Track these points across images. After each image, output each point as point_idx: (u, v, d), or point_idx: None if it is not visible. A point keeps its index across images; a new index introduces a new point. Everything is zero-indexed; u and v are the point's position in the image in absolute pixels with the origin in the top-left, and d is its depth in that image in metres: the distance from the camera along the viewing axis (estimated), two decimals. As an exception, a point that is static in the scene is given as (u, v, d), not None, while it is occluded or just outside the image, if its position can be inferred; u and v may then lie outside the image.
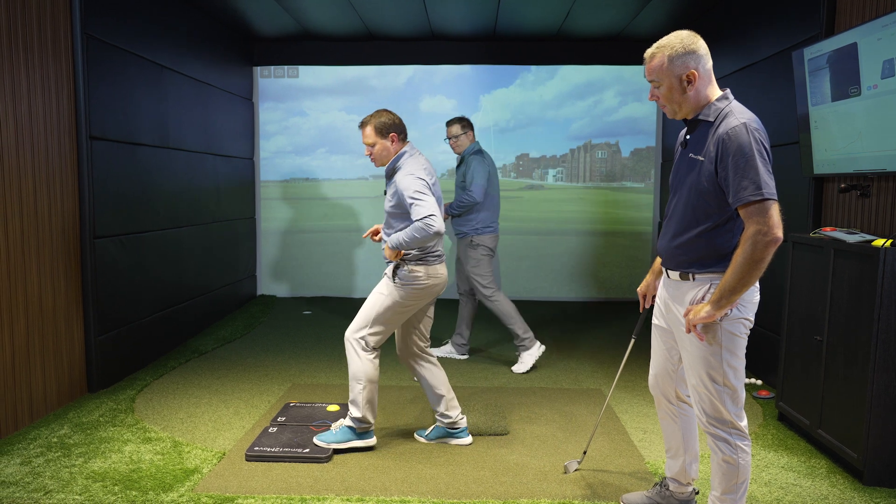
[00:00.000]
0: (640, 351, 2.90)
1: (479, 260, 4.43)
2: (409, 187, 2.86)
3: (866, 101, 3.01)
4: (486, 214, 4.45)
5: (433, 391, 3.15)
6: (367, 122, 3.04)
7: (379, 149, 3.03)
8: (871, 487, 2.73)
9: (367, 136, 3.02)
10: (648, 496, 2.53)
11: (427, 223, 2.78)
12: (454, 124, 4.51)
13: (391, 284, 3.00)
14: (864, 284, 2.71)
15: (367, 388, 3.00)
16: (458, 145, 4.51)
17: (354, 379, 3.01)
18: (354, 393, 3.02)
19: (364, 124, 3.04)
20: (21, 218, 3.29)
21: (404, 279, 2.97)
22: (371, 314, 3.01)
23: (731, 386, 2.08)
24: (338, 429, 3.10)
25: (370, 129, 3.02)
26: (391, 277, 3.00)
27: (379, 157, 3.05)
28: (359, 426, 3.05)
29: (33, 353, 3.39)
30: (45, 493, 2.62)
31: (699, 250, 2.09)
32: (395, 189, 2.95)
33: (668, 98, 2.08)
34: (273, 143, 6.89)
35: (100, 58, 3.85)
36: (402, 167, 2.99)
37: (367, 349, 3.02)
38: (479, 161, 4.43)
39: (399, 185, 2.91)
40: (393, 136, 3.03)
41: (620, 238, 6.87)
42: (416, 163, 2.99)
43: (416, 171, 2.92)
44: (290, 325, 5.72)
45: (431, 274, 3.01)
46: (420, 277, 2.98)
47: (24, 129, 3.30)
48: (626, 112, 6.76)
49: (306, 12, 5.57)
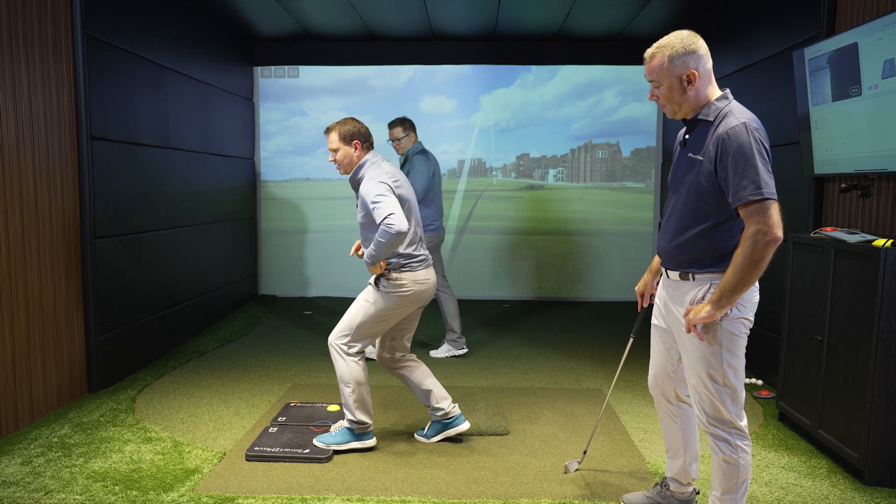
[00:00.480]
0: (640, 351, 2.90)
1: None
2: (370, 192, 2.88)
3: (867, 101, 3.01)
4: (428, 212, 4.48)
5: (420, 388, 3.16)
6: (332, 129, 3.04)
7: (341, 155, 3.02)
8: (871, 487, 2.73)
9: (332, 142, 3.03)
10: (649, 496, 2.53)
11: (387, 224, 2.77)
12: (396, 126, 4.50)
13: (376, 293, 3.00)
14: (865, 284, 2.71)
15: (355, 390, 2.99)
16: (401, 147, 4.52)
17: (343, 382, 3.01)
18: (345, 397, 3.02)
19: (329, 130, 3.04)
20: (21, 217, 3.29)
21: (388, 287, 2.97)
22: (354, 322, 3.01)
23: (731, 386, 2.08)
24: (337, 430, 3.10)
25: (335, 135, 3.02)
26: (374, 286, 3.00)
27: (342, 164, 3.05)
28: (357, 427, 3.05)
29: (34, 352, 3.39)
30: (45, 493, 2.62)
31: (699, 250, 2.08)
32: (361, 199, 2.95)
33: (667, 98, 2.08)
34: (273, 144, 6.90)
35: (100, 57, 3.85)
36: (363, 176, 3.00)
37: (350, 353, 3.01)
38: (422, 161, 4.45)
39: (362, 194, 2.93)
40: (356, 143, 3.02)
41: (621, 238, 6.87)
42: (378, 169, 2.99)
43: (377, 177, 2.93)
44: (291, 325, 5.72)
45: (416, 280, 3.00)
46: (405, 285, 2.98)
47: (25, 127, 3.31)
48: (626, 112, 6.76)
49: (307, 12, 5.58)
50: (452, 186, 6.91)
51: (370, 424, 3.07)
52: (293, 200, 6.99)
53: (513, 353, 4.86)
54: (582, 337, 5.36)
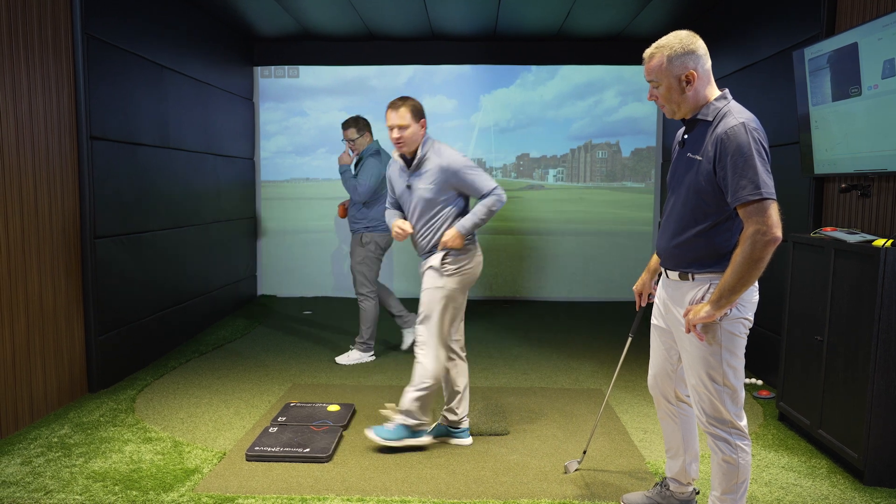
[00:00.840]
0: (640, 351, 2.89)
1: (366, 257, 4.47)
2: (459, 162, 2.97)
3: (867, 101, 3.01)
4: (377, 212, 4.45)
5: (452, 386, 3.16)
6: (403, 104, 2.97)
7: (411, 132, 2.96)
8: (871, 487, 2.73)
9: (403, 118, 2.94)
10: (649, 496, 2.53)
11: (498, 193, 2.97)
12: (350, 127, 4.45)
13: (443, 277, 2.99)
14: (865, 284, 2.71)
15: (433, 389, 3.02)
16: (357, 147, 4.48)
17: (422, 380, 2.99)
18: (415, 397, 3.01)
19: (398, 105, 2.96)
20: (21, 217, 3.29)
21: (457, 264, 2.99)
22: (437, 315, 2.98)
23: (731, 386, 2.08)
24: (394, 426, 3.06)
25: (406, 110, 2.95)
26: (440, 270, 2.98)
27: (409, 141, 2.98)
28: (414, 424, 3.05)
29: (34, 352, 3.39)
30: (45, 493, 2.62)
31: (698, 250, 2.08)
32: (438, 173, 2.95)
33: (666, 98, 2.08)
34: (273, 144, 6.90)
35: (100, 57, 3.85)
36: (436, 151, 2.99)
37: (444, 348, 3.03)
38: (375, 161, 4.42)
39: (450, 166, 2.95)
40: (423, 121, 3.03)
41: (621, 238, 6.87)
42: (445, 145, 3.05)
43: (453, 150, 3.02)
44: (291, 325, 5.72)
45: (475, 256, 3.06)
46: (469, 262, 3.02)
47: (25, 128, 3.31)
48: (626, 112, 6.76)
49: (306, 12, 5.58)
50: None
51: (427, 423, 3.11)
52: (293, 200, 6.98)
53: (512, 353, 4.86)
54: (581, 337, 5.36)
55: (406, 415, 3.03)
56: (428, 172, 2.99)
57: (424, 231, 3.05)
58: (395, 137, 2.97)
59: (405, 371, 4.39)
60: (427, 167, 2.99)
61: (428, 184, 2.97)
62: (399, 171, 3.13)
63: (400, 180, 3.12)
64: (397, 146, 3.02)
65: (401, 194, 3.13)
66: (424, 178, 2.99)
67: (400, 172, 3.13)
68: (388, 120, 2.97)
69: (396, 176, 3.15)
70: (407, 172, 3.07)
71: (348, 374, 4.33)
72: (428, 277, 3.02)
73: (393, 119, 2.96)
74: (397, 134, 2.96)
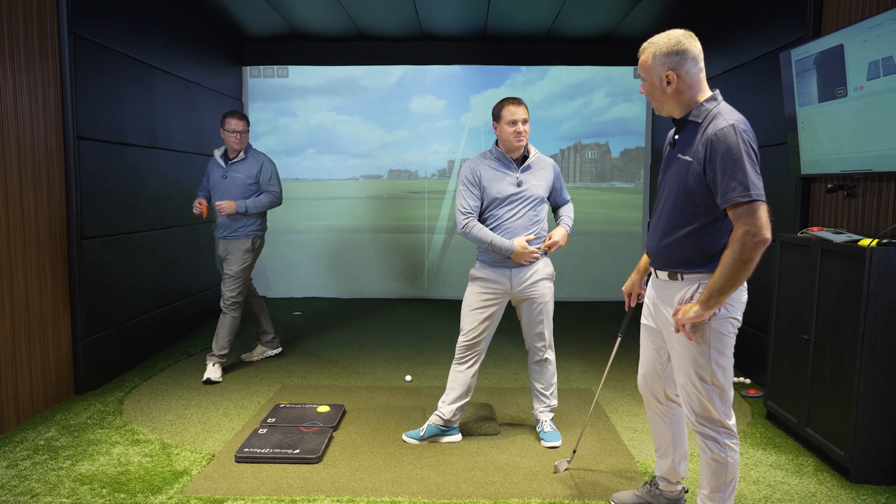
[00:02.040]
0: (630, 350, 2.91)
1: (246, 262, 4.23)
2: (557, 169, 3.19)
3: (853, 103, 3.04)
4: (264, 218, 4.37)
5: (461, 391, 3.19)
6: (522, 101, 3.05)
7: (528, 128, 3.05)
8: (857, 485, 2.75)
9: (525, 113, 3.03)
10: (638, 495, 2.54)
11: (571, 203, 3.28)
12: (242, 119, 4.15)
13: (552, 283, 3.16)
14: (851, 284, 2.73)
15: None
16: (241, 142, 4.17)
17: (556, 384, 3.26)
18: (555, 395, 3.27)
19: (519, 101, 3.03)
20: (7, 218, 3.26)
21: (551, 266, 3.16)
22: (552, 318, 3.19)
23: (720, 385, 2.10)
24: (553, 428, 3.22)
25: (526, 108, 3.05)
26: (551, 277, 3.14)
27: (527, 136, 3.04)
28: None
29: (20, 354, 3.36)
30: (31, 497, 2.60)
31: (687, 250, 2.09)
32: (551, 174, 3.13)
33: (650, 94, 2.12)
34: (262, 144, 6.86)
35: (87, 57, 3.82)
36: (537, 154, 3.13)
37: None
38: (272, 163, 4.32)
39: (556, 169, 3.16)
40: None
41: (610, 238, 6.90)
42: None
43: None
44: (280, 326, 5.70)
45: None
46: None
47: (10, 127, 3.27)
48: (615, 112, 6.79)
49: (296, 12, 5.56)
50: (442, 187, 6.91)
51: None
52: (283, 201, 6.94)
53: (503, 353, 4.86)
54: (571, 337, 5.37)
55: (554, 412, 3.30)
56: (542, 171, 3.10)
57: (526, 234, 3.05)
58: (521, 130, 2.99)
59: (397, 371, 4.38)
60: (537, 165, 3.10)
61: (540, 181, 3.06)
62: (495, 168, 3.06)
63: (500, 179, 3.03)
64: (519, 141, 3.00)
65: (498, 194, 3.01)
66: (537, 176, 3.07)
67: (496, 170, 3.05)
68: (513, 115, 2.97)
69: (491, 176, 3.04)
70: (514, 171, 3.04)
71: (338, 375, 4.32)
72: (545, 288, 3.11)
73: (519, 113, 2.99)
74: (523, 127, 3.00)
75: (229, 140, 4.15)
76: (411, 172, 6.90)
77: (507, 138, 3.00)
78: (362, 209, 6.97)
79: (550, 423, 3.23)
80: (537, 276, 3.06)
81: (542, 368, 3.20)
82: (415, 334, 5.37)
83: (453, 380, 3.17)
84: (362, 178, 6.99)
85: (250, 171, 4.20)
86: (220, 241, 4.24)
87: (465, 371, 3.15)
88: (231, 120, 4.13)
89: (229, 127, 4.13)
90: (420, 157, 6.89)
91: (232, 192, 4.17)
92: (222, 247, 4.23)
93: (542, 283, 3.08)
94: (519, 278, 3.05)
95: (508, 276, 3.05)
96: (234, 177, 4.18)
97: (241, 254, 4.21)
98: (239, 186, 4.18)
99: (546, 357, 3.18)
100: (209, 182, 4.29)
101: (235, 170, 4.19)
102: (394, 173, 6.97)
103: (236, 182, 4.18)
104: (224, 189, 4.18)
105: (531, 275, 3.05)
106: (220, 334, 4.19)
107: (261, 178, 4.23)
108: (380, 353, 4.88)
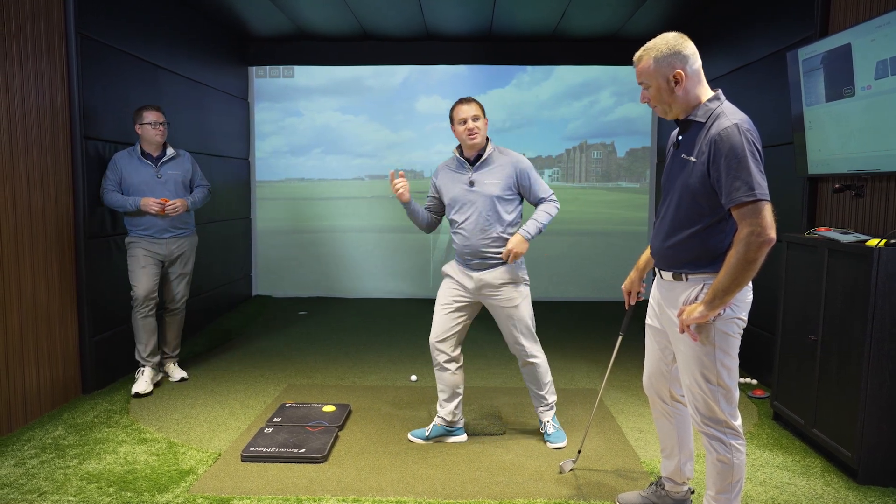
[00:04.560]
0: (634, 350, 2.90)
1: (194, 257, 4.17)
2: (529, 166, 3.04)
3: (860, 102, 3.02)
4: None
5: (455, 388, 3.19)
6: (472, 99, 3.03)
7: (482, 124, 3.00)
8: (865, 486, 2.74)
9: (476, 110, 2.99)
10: (644, 496, 2.53)
11: (555, 199, 3.08)
12: (160, 110, 3.91)
13: (519, 287, 3.05)
14: (858, 284, 2.72)
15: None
16: (165, 134, 3.92)
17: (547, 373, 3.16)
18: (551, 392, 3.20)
19: (469, 100, 3.01)
20: (15, 217, 3.28)
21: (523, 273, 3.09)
22: (531, 326, 3.09)
23: (725, 385, 2.09)
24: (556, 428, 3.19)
25: (477, 105, 3.01)
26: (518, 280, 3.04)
27: (481, 133, 2.99)
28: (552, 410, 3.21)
29: (27, 353, 3.38)
30: (39, 495, 2.61)
31: (692, 251, 2.09)
32: (511, 171, 2.99)
33: (657, 99, 2.09)
34: (268, 144, 6.88)
35: (94, 57, 3.83)
36: (500, 151, 3.05)
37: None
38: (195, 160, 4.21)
39: (520, 164, 3.02)
40: (487, 120, 3.06)
41: (616, 238, 6.88)
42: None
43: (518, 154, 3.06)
44: (286, 326, 5.71)
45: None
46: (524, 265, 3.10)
47: (18, 126, 3.29)
48: (621, 112, 6.78)
49: (302, 12, 5.57)
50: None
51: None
52: (288, 201, 6.97)
53: (507, 353, 4.85)
54: (576, 337, 5.36)
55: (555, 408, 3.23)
56: (499, 168, 3.00)
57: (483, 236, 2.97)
58: (472, 127, 2.95)
59: (401, 371, 4.39)
60: (496, 164, 3.01)
61: (498, 180, 2.97)
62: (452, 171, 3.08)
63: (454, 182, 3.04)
64: (472, 138, 2.98)
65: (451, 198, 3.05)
66: (493, 175, 2.99)
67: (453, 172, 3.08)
68: (463, 113, 2.97)
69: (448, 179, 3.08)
70: (467, 172, 3.03)
71: (344, 375, 4.33)
72: (509, 294, 3.01)
73: (469, 111, 2.97)
74: (470, 126, 2.96)
75: (150, 134, 3.84)
76: (417, 172, 6.91)
77: (461, 137, 3.01)
78: (367, 209, 6.98)
79: (553, 423, 3.21)
80: (498, 281, 3.00)
81: (531, 371, 3.14)
82: (420, 334, 5.37)
83: (438, 381, 3.19)
84: (368, 178, 7.00)
85: (185, 168, 4.04)
86: (165, 241, 3.93)
87: (442, 372, 3.15)
88: (150, 112, 3.84)
89: (149, 119, 3.82)
90: (425, 156, 6.89)
91: (170, 190, 3.93)
92: (170, 247, 3.96)
93: (505, 288, 3.00)
94: (478, 280, 3.02)
95: (470, 277, 3.04)
96: (171, 174, 3.95)
97: (194, 250, 4.17)
98: (177, 184, 3.97)
99: (531, 361, 3.11)
100: (128, 182, 3.85)
101: (170, 168, 3.95)
102: (399, 173, 6.97)
103: (175, 179, 3.96)
104: (159, 189, 3.89)
105: (491, 279, 3.00)
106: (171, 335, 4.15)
107: (194, 174, 4.12)
108: (385, 352, 4.89)
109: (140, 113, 3.86)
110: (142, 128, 3.86)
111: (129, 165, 3.87)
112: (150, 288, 3.91)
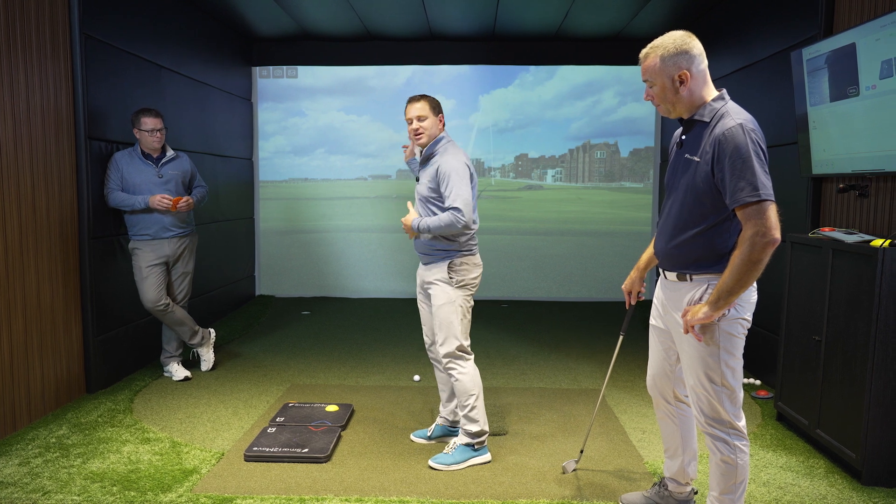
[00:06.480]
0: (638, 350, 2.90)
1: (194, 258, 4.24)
2: (452, 169, 2.83)
3: (865, 102, 3.01)
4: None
5: (451, 389, 3.16)
6: (422, 98, 2.97)
7: (429, 124, 2.94)
8: (869, 487, 2.73)
9: (422, 109, 2.93)
10: (647, 496, 2.53)
11: (455, 215, 2.77)
12: (158, 116, 3.95)
13: (449, 288, 2.91)
14: (863, 284, 2.71)
15: (479, 396, 2.93)
16: (162, 139, 3.99)
17: (466, 394, 2.91)
18: (469, 406, 2.91)
19: (417, 99, 2.97)
20: (19, 217, 3.29)
21: (458, 275, 2.91)
22: (452, 327, 2.90)
23: (729, 386, 2.08)
24: (453, 449, 2.95)
25: (425, 103, 2.95)
26: (448, 281, 2.90)
27: (427, 132, 2.94)
28: (477, 441, 2.94)
29: (31, 353, 3.38)
30: (43, 494, 2.62)
31: (696, 251, 2.08)
32: (437, 172, 2.88)
33: (661, 97, 2.08)
34: (272, 144, 6.89)
35: (98, 57, 3.84)
36: (444, 151, 2.93)
37: (467, 358, 2.95)
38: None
39: (443, 167, 2.86)
40: (441, 116, 3.00)
41: (619, 238, 6.87)
42: (458, 149, 2.96)
43: (460, 156, 2.90)
44: (289, 326, 5.72)
45: (477, 263, 2.99)
46: (470, 270, 2.94)
47: (23, 127, 3.30)
48: (624, 112, 6.77)
49: (305, 12, 5.57)
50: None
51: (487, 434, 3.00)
52: (291, 201, 6.98)
53: (510, 353, 4.86)
54: (580, 337, 5.36)
55: (472, 436, 2.93)
56: (430, 169, 2.94)
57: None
58: (416, 127, 2.95)
59: (403, 371, 4.39)
60: (433, 163, 2.94)
61: (427, 181, 2.95)
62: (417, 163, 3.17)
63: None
64: (417, 139, 2.97)
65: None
66: (426, 174, 2.96)
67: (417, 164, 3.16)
68: (408, 113, 2.98)
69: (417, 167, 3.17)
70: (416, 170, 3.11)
71: (347, 375, 4.33)
72: (437, 293, 2.93)
73: (412, 111, 2.96)
74: (415, 126, 2.95)
75: (148, 140, 3.90)
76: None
77: (410, 138, 3.03)
78: (371, 209, 6.99)
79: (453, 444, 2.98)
80: (430, 277, 2.96)
81: (449, 380, 3.06)
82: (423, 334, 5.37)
83: (438, 381, 3.21)
84: (371, 178, 7.01)
85: (184, 169, 4.12)
86: (167, 241, 3.99)
87: (440, 372, 3.18)
88: (148, 119, 3.89)
89: (147, 126, 3.88)
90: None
91: (171, 190, 3.99)
92: (172, 246, 4.02)
93: (435, 287, 2.93)
94: (421, 274, 3.04)
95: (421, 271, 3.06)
96: (172, 175, 4.01)
97: (194, 248, 4.23)
98: (177, 184, 4.04)
99: (449, 370, 2.94)
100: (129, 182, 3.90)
101: (170, 168, 4.02)
102: (402, 173, 6.98)
103: (176, 179, 4.03)
104: (161, 189, 3.94)
105: (427, 275, 2.99)
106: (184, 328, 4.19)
107: (194, 175, 4.22)
108: (388, 352, 4.89)
109: (138, 118, 3.90)
110: (140, 133, 3.91)
111: (129, 165, 3.92)
112: (155, 297, 3.98)
